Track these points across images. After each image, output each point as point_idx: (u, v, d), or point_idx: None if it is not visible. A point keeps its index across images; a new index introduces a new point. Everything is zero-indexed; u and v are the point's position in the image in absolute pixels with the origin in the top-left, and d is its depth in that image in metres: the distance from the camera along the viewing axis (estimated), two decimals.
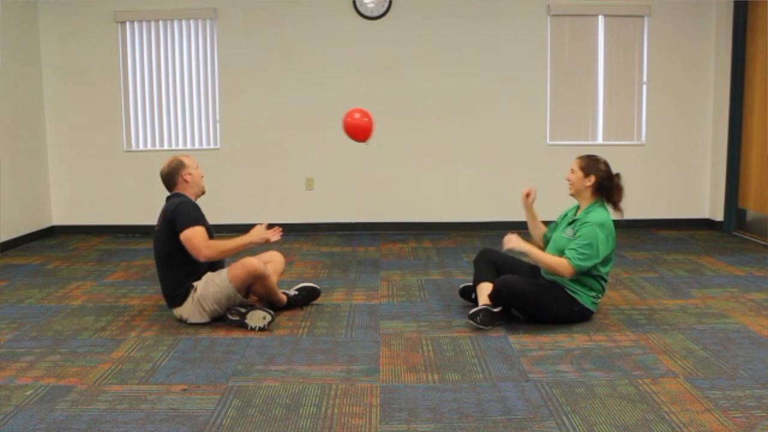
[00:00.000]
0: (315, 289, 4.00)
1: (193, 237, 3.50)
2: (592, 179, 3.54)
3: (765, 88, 5.74)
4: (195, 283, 3.59)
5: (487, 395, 2.68)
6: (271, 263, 3.85)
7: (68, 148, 6.51)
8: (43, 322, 3.69)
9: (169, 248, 3.58)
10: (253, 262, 3.56)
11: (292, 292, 3.92)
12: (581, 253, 3.40)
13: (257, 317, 3.49)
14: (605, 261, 3.50)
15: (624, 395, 2.67)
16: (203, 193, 3.85)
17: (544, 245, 3.80)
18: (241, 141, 6.48)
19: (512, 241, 3.51)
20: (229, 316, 3.57)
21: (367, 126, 4.08)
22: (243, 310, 3.55)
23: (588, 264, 3.41)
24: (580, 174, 3.57)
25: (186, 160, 3.82)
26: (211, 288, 3.56)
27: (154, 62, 6.44)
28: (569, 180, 3.62)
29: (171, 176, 3.78)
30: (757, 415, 2.48)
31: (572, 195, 3.65)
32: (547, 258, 3.50)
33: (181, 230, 3.51)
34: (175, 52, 6.44)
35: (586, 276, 3.49)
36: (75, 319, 3.75)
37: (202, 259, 3.52)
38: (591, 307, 3.57)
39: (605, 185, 3.56)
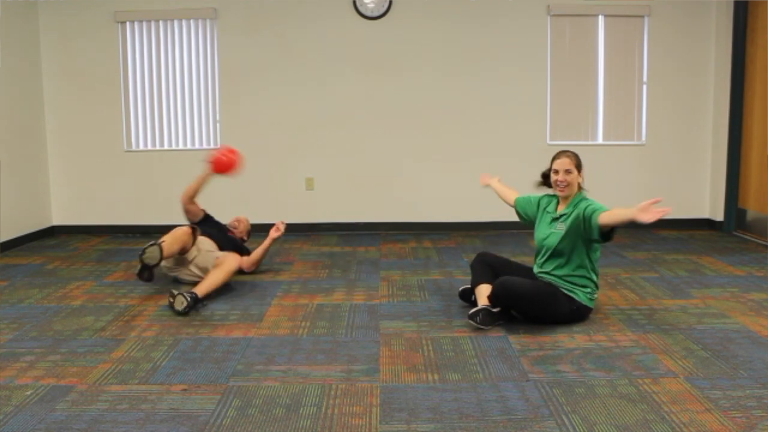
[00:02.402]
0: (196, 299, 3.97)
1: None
2: (582, 174, 3.61)
3: (765, 88, 5.75)
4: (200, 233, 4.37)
5: (487, 395, 2.68)
6: (221, 261, 4.30)
7: (68, 148, 6.51)
8: (43, 322, 3.69)
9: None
10: (183, 229, 4.21)
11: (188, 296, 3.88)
12: (599, 207, 3.39)
13: (179, 301, 3.78)
14: (595, 248, 3.53)
15: (624, 395, 2.67)
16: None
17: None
18: (241, 141, 6.45)
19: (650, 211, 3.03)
20: (168, 297, 3.90)
21: (229, 162, 4.58)
22: (176, 293, 3.83)
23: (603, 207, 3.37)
24: (576, 172, 3.58)
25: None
26: (200, 258, 4.38)
27: (154, 62, 6.44)
28: (565, 182, 3.57)
29: None
30: (757, 415, 2.48)
31: (564, 196, 3.63)
32: (616, 213, 3.28)
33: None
34: (175, 52, 6.44)
35: (579, 269, 3.51)
36: (75, 319, 3.75)
37: (185, 206, 4.71)
38: (589, 304, 3.57)
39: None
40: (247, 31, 6.37)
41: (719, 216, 6.36)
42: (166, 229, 4.49)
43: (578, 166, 3.59)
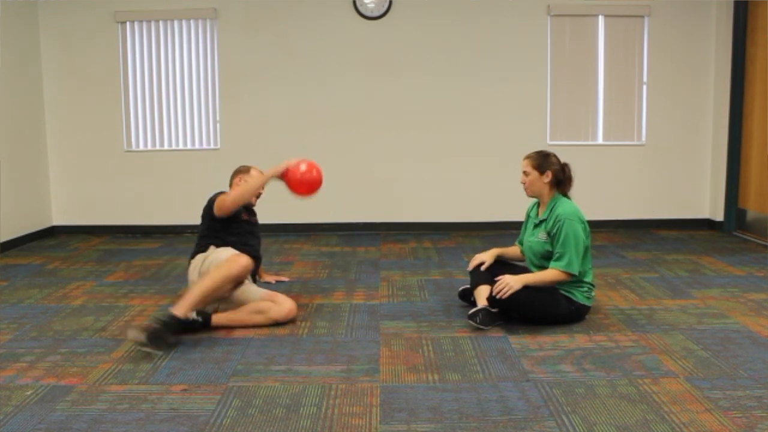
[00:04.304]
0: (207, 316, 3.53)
1: (222, 200, 3.68)
2: (549, 175, 3.55)
3: (765, 88, 5.75)
4: (213, 246, 3.70)
5: (488, 395, 2.68)
6: (274, 305, 3.55)
7: (68, 148, 6.51)
8: (43, 322, 3.69)
9: (201, 228, 3.83)
10: (243, 262, 3.43)
11: (193, 316, 3.41)
12: (569, 259, 3.41)
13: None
14: (586, 248, 3.54)
15: (624, 395, 2.67)
16: (247, 204, 3.94)
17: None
18: (241, 141, 6.48)
19: (508, 286, 3.36)
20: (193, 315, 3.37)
21: (313, 180, 3.89)
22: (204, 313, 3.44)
23: (578, 264, 3.43)
24: (535, 174, 3.57)
25: (250, 169, 4.09)
26: (222, 254, 3.56)
27: (154, 62, 6.44)
28: (524, 183, 3.61)
29: (232, 176, 4.06)
30: (757, 415, 2.48)
31: (531, 196, 3.66)
32: (540, 279, 3.46)
33: (213, 208, 3.70)
34: (175, 52, 6.44)
35: None
36: (75, 319, 3.75)
37: (231, 207, 3.66)
38: (587, 302, 3.57)
39: (560, 178, 3.58)
40: (247, 31, 6.37)
41: (719, 216, 6.36)
42: (166, 229, 4.43)
43: (538, 168, 3.56)
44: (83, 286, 4.52)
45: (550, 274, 3.46)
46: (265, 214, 6.18)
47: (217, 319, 3.51)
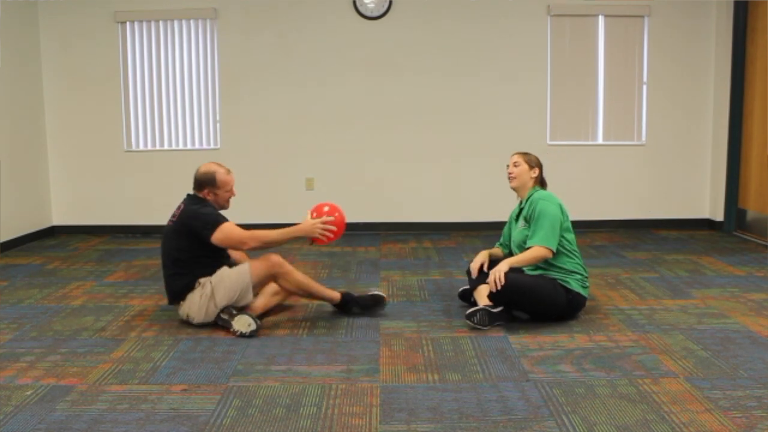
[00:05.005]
0: (381, 297, 3.80)
1: (230, 233, 3.46)
2: (536, 171, 3.74)
3: (765, 88, 5.74)
4: (201, 279, 3.53)
5: (488, 395, 2.68)
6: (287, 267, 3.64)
7: (68, 148, 6.51)
8: (43, 322, 3.69)
9: (180, 247, 3.53)
10: (275, 256, 3.53)
11: (358, 294, 3.77)
12: (544, 234, 3.51)
13: (243, 323, 3.39)
14: (566, 229, 3.61)
15: (624, 395, 2.67)
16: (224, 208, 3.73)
17: (509, 249, 3.90)
18: (241, 141, 6.48)
19: (497, 273, 3.41)
20: (221, 314, 3.50)
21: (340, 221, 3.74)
22: (234, 312, 3.48)
23: (554, 239, 3.52)
24: (525, 167, 3.73)
25: (221, 179, 3.65)
26: (227, 281, 3.48)
27: (154, 62, 6.44)
28: (512, 174, 3.74)
29: (200, 184, 3.66)
30: (757, 415, 2.48)
31: (514, 188, 3.77)
32: (522, 258, 3.54)
33: (212, 233, 3.44)
34: (175, 52, 6.44)
35: (559, 256, 3.55)
36: (75, 319, 3.75)
37: (247, 249, 3.55)
38: (583, 292, 3.60)
39: (542, 178, 3.78)
40: (247, 31, 6.37)
41: (719, 216, 6.36)
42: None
43: (529, 162, 3.74)
44: (83, 286, 4.52)
45: (531, 252, 3.52)
46: (264, 215, 6.21)
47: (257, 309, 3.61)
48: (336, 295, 3.77)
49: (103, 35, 6.37)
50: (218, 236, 3.45)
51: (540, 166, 3.76)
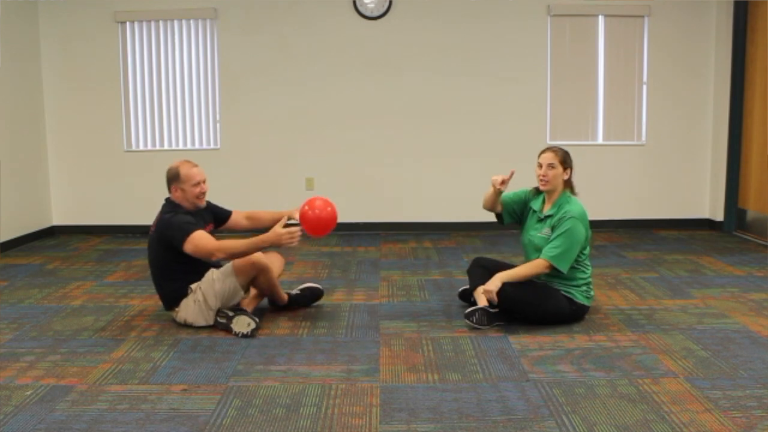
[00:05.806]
0: (317, 289, 3.98)
1: (198, 242, 3.41)
2: (569, 173, 3.53)
3: (765, 88, 5.74)
4: (192, 285, 3.55)
5: (487, 395, 2.68)
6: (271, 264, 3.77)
7: (68, 148, 6.51)
8: (43, 322, 3.69)
9: (162, 256, 3.55)
10: (257, 254, 3.51)
11: (295, 291, 3.91)
12: (562, 254, 3.38)
13: (242, 323, 3.42)
14: (583, 247, 3.51)
15: (624, 395, 2.67)
16: (198, 208, 3.69)
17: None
18: (241, 141, 6.48)
19: (489, 294, 3.41)
20: (218, 318, 3.52)
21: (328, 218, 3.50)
22: (231, 314, 3.48)
23: (568, 263, 3.40)
24: (560, 168, 3.50)
25: (184, 173, 3.67)
26: (217, 284, 3.50)
27: (154, 62, 6.44)
28: (546, 177, 3.50)
29: (167, 182, 3.73)
30: (757, 415, 2.48)
31: (545, 190, 3.57)
32: (519, 273, 3.45)
33: (182, 244, 3.41)
34: (175, 52, 6.44)
35: (571, 269, 3.47)
36: (75, 319, 3.75)
37: (215, 260, 3.53)
38: (586, 303, 3.57)
39: (571, 177, 3.57)
40: (247, 31, 6.37)
41: (719, 216, 6.36)
42: None
43: (564, 163, 3.51)
44: (83, 286, 4.52)
45: (532, 265, 3.44)
46: None
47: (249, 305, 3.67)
48: (284, 296, 3.84)
49: (103, 35, 6.37)
50: (188, 247, 3.42)
51: (572, 166, 3.53)
